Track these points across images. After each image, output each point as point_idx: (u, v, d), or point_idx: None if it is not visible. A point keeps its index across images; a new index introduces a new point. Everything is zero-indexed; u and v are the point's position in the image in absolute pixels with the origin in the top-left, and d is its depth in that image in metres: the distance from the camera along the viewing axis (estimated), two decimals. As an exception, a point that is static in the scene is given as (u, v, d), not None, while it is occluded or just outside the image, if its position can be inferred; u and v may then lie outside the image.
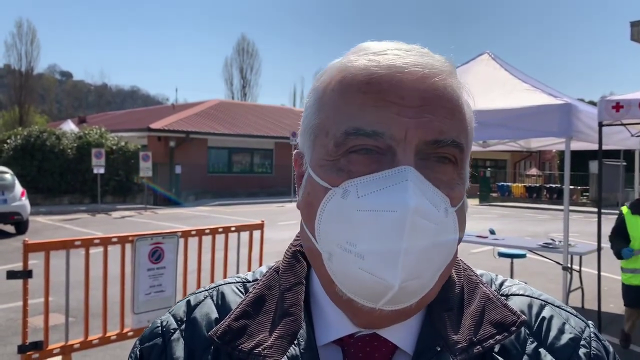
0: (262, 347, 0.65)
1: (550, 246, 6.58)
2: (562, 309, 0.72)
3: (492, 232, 7.98)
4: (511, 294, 0.73)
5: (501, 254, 7.22)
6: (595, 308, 5.70)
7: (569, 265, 5.90)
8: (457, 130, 0.63)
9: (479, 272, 0.76)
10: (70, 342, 4.10)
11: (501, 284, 0.76)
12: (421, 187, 0.59)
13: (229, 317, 0.69)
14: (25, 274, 3.84)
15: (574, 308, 0.75)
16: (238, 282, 0.77)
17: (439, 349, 0.64)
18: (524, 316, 0.67)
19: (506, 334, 0.65)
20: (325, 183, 0.63)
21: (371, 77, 0.61)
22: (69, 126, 25.02)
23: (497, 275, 0.78)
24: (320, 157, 0.64)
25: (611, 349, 0.71)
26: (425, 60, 0.63)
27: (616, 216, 5.32)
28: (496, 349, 0.65)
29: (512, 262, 7.20)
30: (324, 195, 0.62)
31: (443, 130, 0.61)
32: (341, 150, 0.62)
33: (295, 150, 0.72)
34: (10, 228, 13.38)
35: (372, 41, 0.69)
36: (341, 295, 0.62)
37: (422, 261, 0.58)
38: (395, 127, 0.60)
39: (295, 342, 0.65)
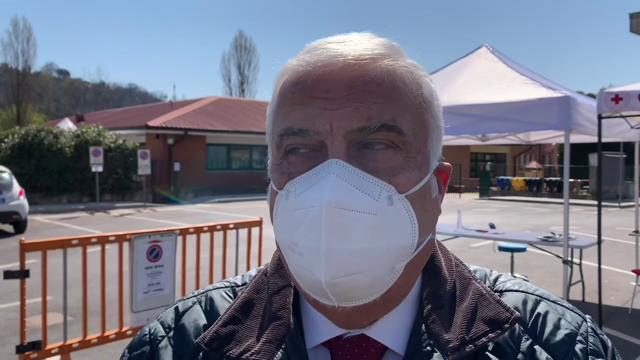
0: (250, 352, 0.64)
1: (551, 240, 6.56)
2: (558, 304, 0.70)
3: (492, 226, 7.96)
4: (506, 290, 0.71)
5: (501, 248, 7.23)
6: (596, 301, 5.68)
7: (570, 258, 5.88)
8: (392, 113, 0.59)
9: (472, 267, 0.74)
10: (68, 342, 4.08)
11: (495, 280, 0.74)
12: (348, 178, 0.57)
13: (216, 323, 0.68)
14: (22, 274, 3.81)
15: (575, 301, 0.72)
16: (227, 287, 0.76)
17: (429, 348, 0.62)
18: (517, 312, 0.65)
19: (499, 332, 0.63)
20: (275, 187, 0.64)
21: (298, 75, 0.62)
22: (67, 124, 24.96)
23: (491, 271, 0.76)
24: (272, 163, 0.65)
25: (609, 343, 0.69)
26: (350, 48, 0.61)
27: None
28: (490, 347, 0.63)
29: (512, 256, 7.20)
30: (275, 199, 0.63)
31: (371, 115, 0.59)
32: (281, 152, 0.62)
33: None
34: (8, 227, 13.36)
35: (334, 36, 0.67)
36: (307, 294, 0.62)
37: (362, 254, 0.57)
38: (319, 121, 0.59)
39: (284, 346, 0.64)
